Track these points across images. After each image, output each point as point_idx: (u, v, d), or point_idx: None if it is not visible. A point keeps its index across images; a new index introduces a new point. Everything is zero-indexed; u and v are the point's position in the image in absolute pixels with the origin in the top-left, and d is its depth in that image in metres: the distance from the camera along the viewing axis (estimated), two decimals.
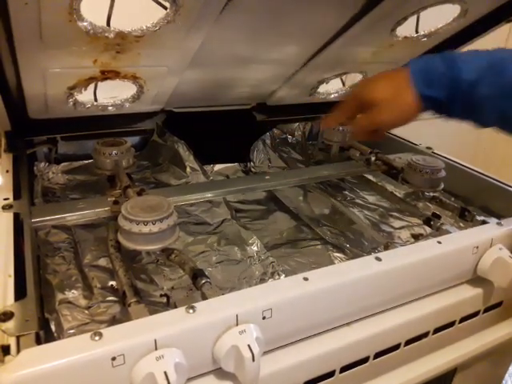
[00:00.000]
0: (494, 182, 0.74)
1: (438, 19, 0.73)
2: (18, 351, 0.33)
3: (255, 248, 0.64)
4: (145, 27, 0.53)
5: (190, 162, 0.81)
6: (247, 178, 0.90)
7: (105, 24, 0.51)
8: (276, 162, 0.95)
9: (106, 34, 0.52)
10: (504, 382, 1.28)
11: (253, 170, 0.94)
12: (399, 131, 0.93)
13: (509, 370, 1.28)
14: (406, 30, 0.72)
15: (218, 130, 0.90)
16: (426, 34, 0.74)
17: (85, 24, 0.49)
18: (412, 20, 0.70)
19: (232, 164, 0.94)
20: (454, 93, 0.50)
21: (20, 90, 0.61)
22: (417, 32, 0.74)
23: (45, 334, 0.40)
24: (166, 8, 0.52)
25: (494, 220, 0.62)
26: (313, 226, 0.76)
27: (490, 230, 0.58)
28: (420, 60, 0.54)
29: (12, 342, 0.34)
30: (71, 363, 0.33)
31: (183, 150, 0.82)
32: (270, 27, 0.64)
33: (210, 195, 0.68)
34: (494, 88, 0.48)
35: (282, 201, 0.84)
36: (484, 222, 0.63)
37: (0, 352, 0.33)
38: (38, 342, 0.36)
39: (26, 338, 0.35)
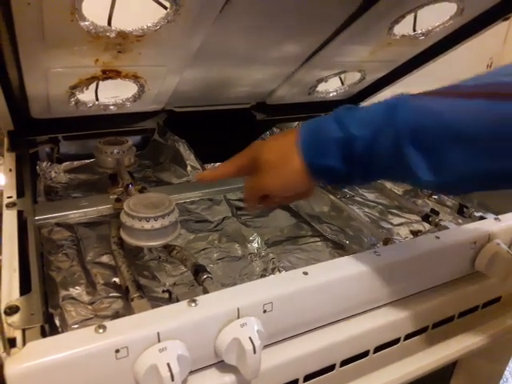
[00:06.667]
0: None
1: (435, 18, 0.73)
2: (24, 344, 0.34)
3: (256, 245, 0.64)
4: (145, 27, 0.54)
5: (191, 160, 0.82)
6: None
7: (106, 24, 0.52)
8: None
9: (108, 34, 0.53)
10: (504, 379, 1.29)
11: None
12: None
13: (509, 367, 1.29)
14: (403, 28, 0.72)
15: (219, 129, 0.91)
16: (424, 33, 0.75)
17: (86, 24, 0.50)
18: (409, 18, 0.71)
19: None
20: (349, 156, 0.42)
21: (22, 90, 0.62)
22: (414, 30, 0.74)
23: (49, 329, 0.41)
24: (166, 8, 0.52)
25: (491, 216, 0.63)
26: (313, 223, 0.77)
27: (488, 225, 0.59)
28: (310, 123, 0.46)
29: (18, 334, 0.35)
30: (76, 355, 0.34)
31: (184, 149, 0.82)
32: (268, 26, 0.65)
33: (210, 193, 0.69)
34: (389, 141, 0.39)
35: None
36: (482, 218, 0.64)
37: (6, 344, 0.33)
38: (44, 335, 0.36)
39: (32, 331, 0.36)
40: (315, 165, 0.44)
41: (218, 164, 0.93)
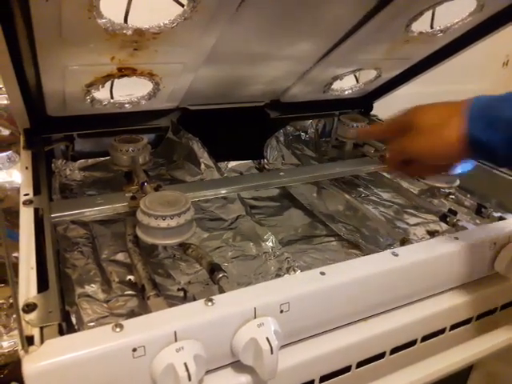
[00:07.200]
0: (511, 178, 0.73)
1: (453, 14, 0.72)
2: (42, 342, 0.34)
3: (270, 244, 0.64)
4: (162, 24, 0.54)
5: (205, 158, 0.81)
6: (261, 174, 0.90)
7: (122, 21, 0.52)
8: (289, 159, 0.95)
9: (124, 31, 0.52)
10: None
11: (266, 166, 0.94)
12: None
13: None
14: (421, 25, 0.71)
15: (232, 127, 0.90)
16: (442, 30, 0.73)
17: (104, 21, 0.50)
18: (427, 15, 0.69)
19: (246, 161, 0.95)
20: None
21: (39, 87, 0.62)
22: (432, 27, 0.73)
23: (66, 327, 0.41)
24: (182, 5, 0.52)
25: (511, 216, 0.62)
26: (327, 222, 0.76)
27: (508, 225, 0.58)
28: (483, 98, 0.45)
29: (36, 332, 0.35)
30: (93, 354, 0.34)
31: (198, 147, 0.82)
32: (284, 24, 0.64)
33: (224, 192, 0.68)
34: None
35: (296, 197, 0.84)
36: (501, 218, 0.63)
37: (24, 342, 0.33)
38: (61, 333, 0.36)
39: (49, 329, 0.36)
40: (477, 138, 0.43)
41: (231, 162, 0.93)
